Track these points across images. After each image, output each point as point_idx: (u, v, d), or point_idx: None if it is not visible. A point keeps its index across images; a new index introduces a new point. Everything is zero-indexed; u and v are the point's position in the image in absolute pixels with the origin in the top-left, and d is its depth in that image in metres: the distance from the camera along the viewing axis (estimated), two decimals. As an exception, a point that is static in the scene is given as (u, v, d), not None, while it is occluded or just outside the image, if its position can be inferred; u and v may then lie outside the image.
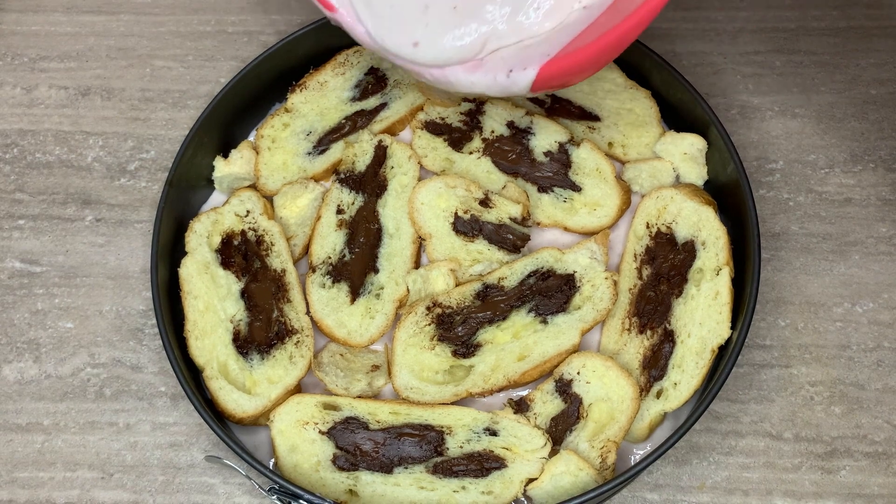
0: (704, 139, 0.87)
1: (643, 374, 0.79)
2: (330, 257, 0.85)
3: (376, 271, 0.84)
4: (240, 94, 0.90)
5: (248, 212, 0.86)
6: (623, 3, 0.68)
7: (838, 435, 0.82)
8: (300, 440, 0.77)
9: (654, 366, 0.79)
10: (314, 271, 0.84)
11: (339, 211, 0.87)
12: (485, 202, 0.85)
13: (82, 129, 1.00)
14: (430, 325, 0.80)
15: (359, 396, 0.79)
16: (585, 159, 0.88)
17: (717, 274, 0.80)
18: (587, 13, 0.69)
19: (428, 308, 0.81)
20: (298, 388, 0.80)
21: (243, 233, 0.85)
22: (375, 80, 0.93)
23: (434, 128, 0.90)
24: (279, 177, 0.89)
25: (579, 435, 0.77)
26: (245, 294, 0.83)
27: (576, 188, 0.87)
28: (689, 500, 0.80)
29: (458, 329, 0.80)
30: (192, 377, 0.79)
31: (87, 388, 0.86)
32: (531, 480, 0.75)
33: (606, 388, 0.77)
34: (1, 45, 1.05)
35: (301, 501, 0.72)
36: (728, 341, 0.77)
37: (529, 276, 0.82)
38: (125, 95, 1.01)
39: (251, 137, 0.94)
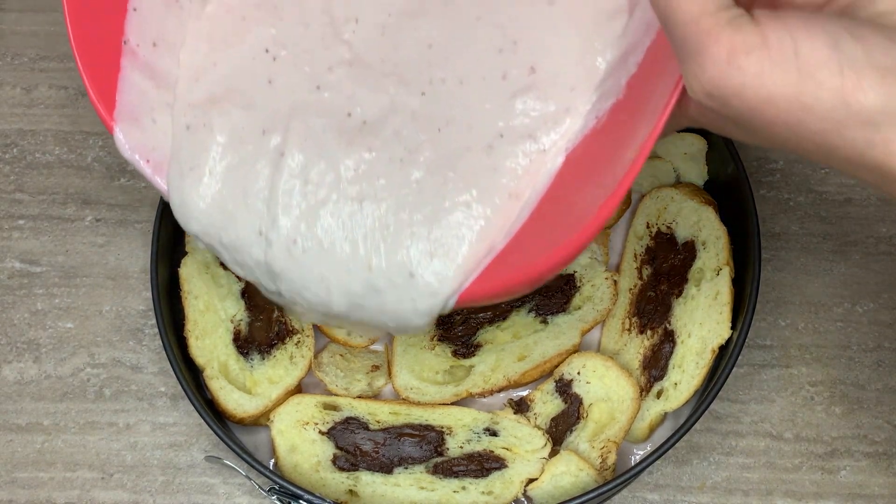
0: (704, 139, 0.87)
1: (643, 374, 0.79)
2: (330, 257, 0.85)
3: (376, 271, 0.84)
4: (240, 94, 0.90)
5: (248, 212, 0.86)
6: (550, 219, 0.56)
7: (838, 435, 0.82)
8: (300, 440, 0.77)
9: (655, 366, 0.79)
10: (314, 271, 0.84)
11: (340, 211, 0.87)
12: (485, 202, 0.85)
13: (82, 129, 0.99)
14: (430, 325, 0.80)
15: (359, 396, 0.79)
16: (585, 159, 0.87)
17: (718, 274, 0.79)
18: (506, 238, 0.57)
19: (428, 308, 0.81)
20: (299, 389, 0.80)
21: (243, 233, 0.85)
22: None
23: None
24: (279, 177, 0.89)
25: (579, 435, 0.77)
26: (245, 294, 0.83)
27: (576, 188, 0.87)
28: (689, 500, 0.80)
29: (458, 329, 0.80)
30: (192, 377, 0.79)
31: (87, 388, 0.86)
32: (531, 480, 0.75)
33: (606, 388, 0.77)
34: (1, 45, 1.05)
35: (301, 502, 0.72)
36: (728, 341, 0.77)
37: (529, 276, 0.82)
38: (125, 95, 1.01)
39: (251, 137, 0.94)
